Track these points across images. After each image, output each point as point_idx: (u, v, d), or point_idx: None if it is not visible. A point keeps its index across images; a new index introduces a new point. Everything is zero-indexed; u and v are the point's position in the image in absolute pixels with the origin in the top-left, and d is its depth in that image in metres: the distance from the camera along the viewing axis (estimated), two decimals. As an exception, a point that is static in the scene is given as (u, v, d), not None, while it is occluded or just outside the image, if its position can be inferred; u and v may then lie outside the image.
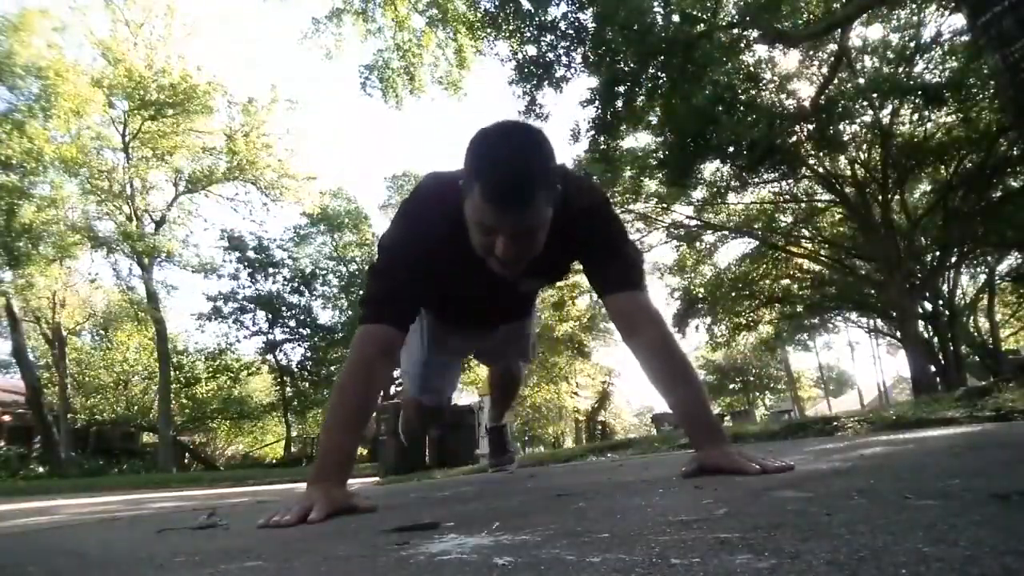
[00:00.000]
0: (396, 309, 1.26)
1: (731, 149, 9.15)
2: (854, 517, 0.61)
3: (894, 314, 12.93)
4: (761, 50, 9.72)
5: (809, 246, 14.82)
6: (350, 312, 20.14)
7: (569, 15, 8.31)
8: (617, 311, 1.32)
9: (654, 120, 10.09)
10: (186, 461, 21.38)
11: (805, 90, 10.74)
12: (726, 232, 14.79)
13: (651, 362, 1.27)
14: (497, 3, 8.84)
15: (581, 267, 1.39)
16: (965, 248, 12.65)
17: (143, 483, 9.72)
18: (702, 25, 8.36)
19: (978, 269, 15.87)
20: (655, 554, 0.52)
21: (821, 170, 11.81)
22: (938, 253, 12.35)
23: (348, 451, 1.19)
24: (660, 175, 11.06)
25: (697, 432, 1.24)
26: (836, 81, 10.04)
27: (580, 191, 1.30)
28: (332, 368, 20.29)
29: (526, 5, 8.52)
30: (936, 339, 13.34)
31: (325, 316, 22.19)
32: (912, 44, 10.04)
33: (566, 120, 22.40)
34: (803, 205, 14.03)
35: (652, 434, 8.02)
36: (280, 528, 0.99)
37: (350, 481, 1.22)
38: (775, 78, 10.47)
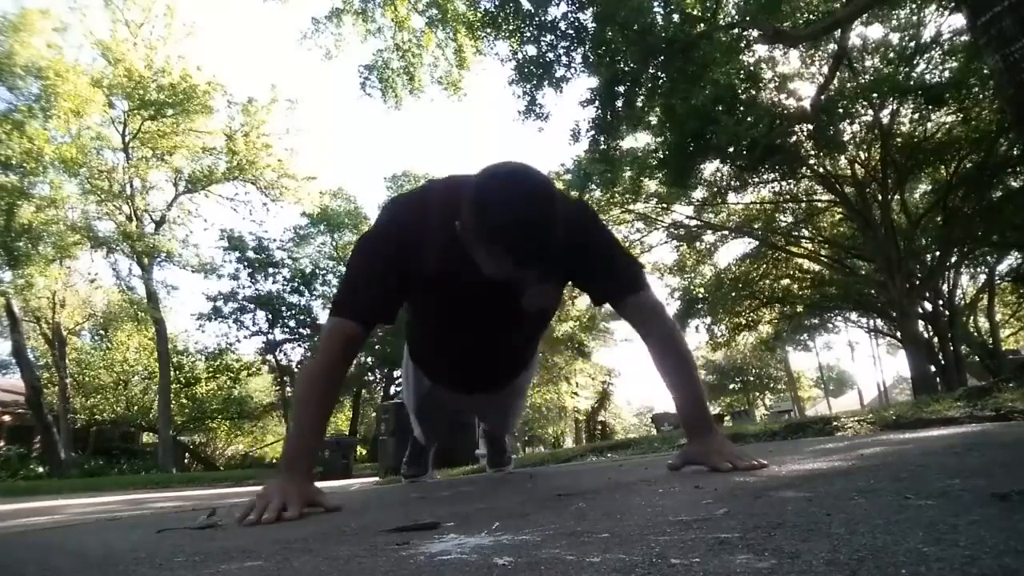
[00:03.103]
0: (360, 303, 1.28)
1: (731, 149, 9.14)
2: (854, 517, 0.61)
3: (894, 314, 12.93)
4: (761, 50, 9.73)
5: (809, 246, 14.81)
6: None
7: (569, 15, 8.31)
8: (629, 313, 1.41)
9: (654, 120, 10.08)
10: (186, 461, 21.38)
11: (805, 90, 10.75)
12: (726, 232, 14.79)
13: (657, 360, 1.39)
14: (497, 3, 8.83)
15: (581, 285, 1.47)
16: (965, 248, 12.65)
17: (143, 483, 9.73)
18: (702, 25, 8.35)
19: (978, 269, 15.88)
20: (655, 554, 0.53)
21: (821, 170, 11.80)
22: (938, 253, 12.34)
23: (315, 446, 1.29)
24: (660, 175, 11.05)
25: (688, 426, 1.40)
26: (836, 81, 10.04)
27: (569, 211, 1.29)
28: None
29: (526, 5, 8.52)
30: (936, 339, 13.34)
31: (325, 316, 22.10)
32: (912, 44, 10.04)
33: (566, 120, 22.41)
34: (803, 205, 14.02)
35: (652, 434, 8.02)
36: (263, 525, 1.04)
37: (355, 481, 1.25)
38: (775, 78, 10.46)
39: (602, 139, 9.06)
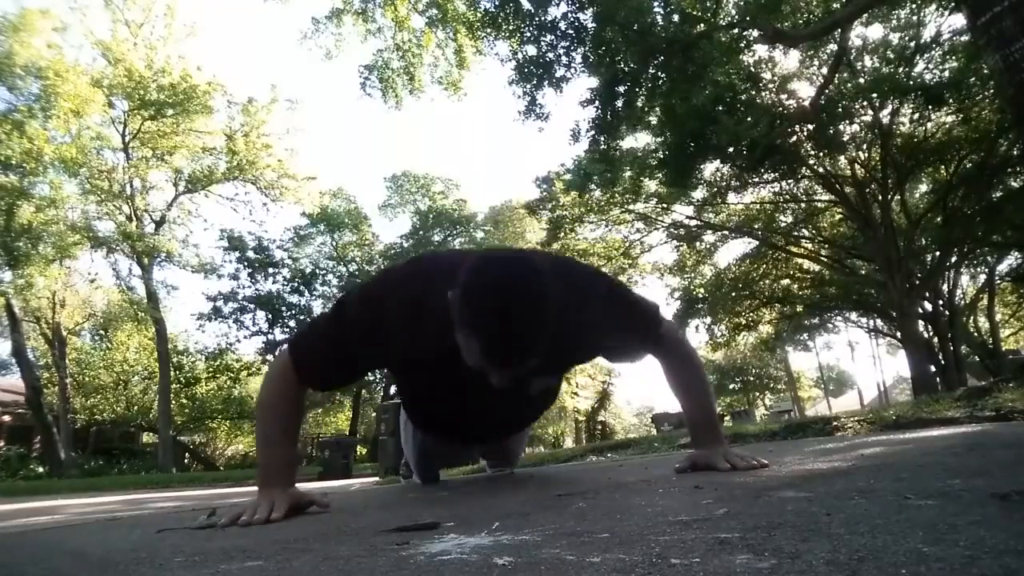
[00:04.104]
0: (324, 375, 1.28)
1: (731, 149, 9.15)
2: (854, 517, 0.61)
3: (894, 314, 12.93)
4: (761, 50, 9.73)
5: (809, 246, 14.81)
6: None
7: (569, 15, 8.31)
8: (652, 354, 1.47)
9: (654, 120, 10.08)
10: (186, 461, 21.36)
11: (805, 90, 10.74)
12: (726, 232, 14.79)
13: (670, 378, 1.47)
14: (497, 3, 8.83)
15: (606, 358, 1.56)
16: (965, 248, 12.65)
17: (143, 483, 9.73)
18: (702, 25, 8.35)
19: (978, 269, 15.88)
20: (655, 554, 0.53)
21: (821, 170, 11.80)
22: (938, 253, 12.34)
23: (289, 459, 1.27)
24: (660, 175, 11.05)
25: (695, 434, 1.48)
26: (836, 81, 10.04)
27: (572, 298, 1.18)
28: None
29: (526, 5, 8.52)
30: (936, 339, 13.33)
31: (324, 316, 22.18)
32: (912, 44, 10.04)
33: (566, 120, 22.42)
34: (803, 205, 14.02)
35: (652, 434, 8.01)
36: (263, 526, 1.05)
37: (355, 481, 1.25)
38: (775, 78, 10.46)
39: (602, 139, 9.06)
